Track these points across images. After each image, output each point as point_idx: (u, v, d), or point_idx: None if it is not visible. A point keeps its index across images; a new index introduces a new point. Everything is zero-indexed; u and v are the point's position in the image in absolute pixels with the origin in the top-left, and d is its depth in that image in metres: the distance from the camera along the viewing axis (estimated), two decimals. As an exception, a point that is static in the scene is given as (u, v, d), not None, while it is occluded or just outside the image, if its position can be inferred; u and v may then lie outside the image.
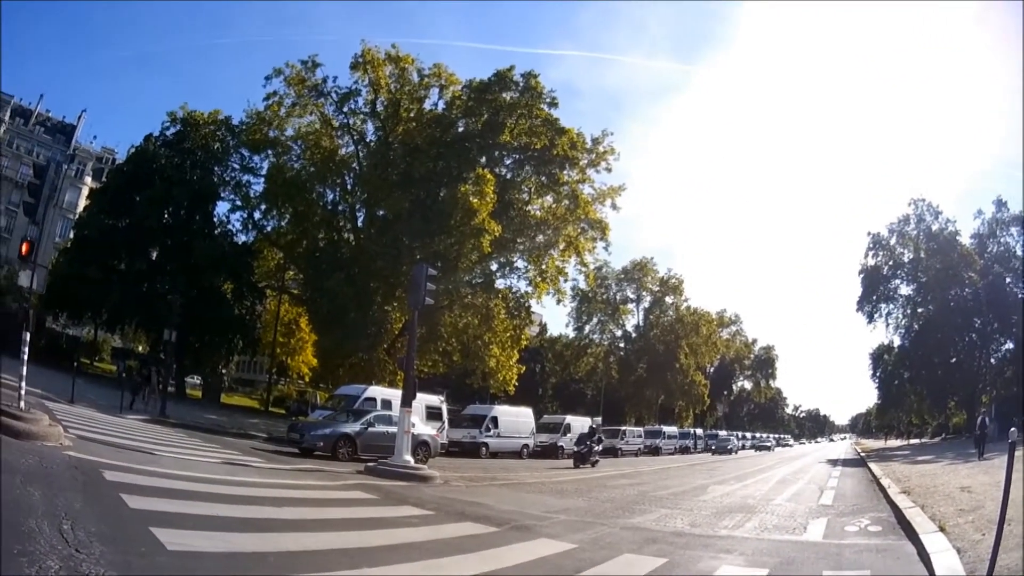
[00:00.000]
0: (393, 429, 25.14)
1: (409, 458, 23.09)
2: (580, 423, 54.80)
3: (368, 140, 53.29)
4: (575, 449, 40.35)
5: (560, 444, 49.93)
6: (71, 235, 67.42)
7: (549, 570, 9.43)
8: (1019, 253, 71.50)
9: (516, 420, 46.87)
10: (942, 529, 11.76)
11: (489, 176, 44.39)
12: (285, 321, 66.10)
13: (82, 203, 75.31)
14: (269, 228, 57.33)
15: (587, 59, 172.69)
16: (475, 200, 42.35)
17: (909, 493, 19.02)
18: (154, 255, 56.69)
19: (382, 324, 46.40)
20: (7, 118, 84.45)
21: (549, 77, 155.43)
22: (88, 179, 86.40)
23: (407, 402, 24.01)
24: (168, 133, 57.44)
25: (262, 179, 55.33)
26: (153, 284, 53.16)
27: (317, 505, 13.84)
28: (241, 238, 59.26)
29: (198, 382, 68.57)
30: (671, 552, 11.33)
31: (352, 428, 27.69)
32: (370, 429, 27.89)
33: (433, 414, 37.70)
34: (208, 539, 8.38)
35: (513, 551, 10.76)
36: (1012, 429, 8.91)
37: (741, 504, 20.22)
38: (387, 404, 32.37)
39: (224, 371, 77.96)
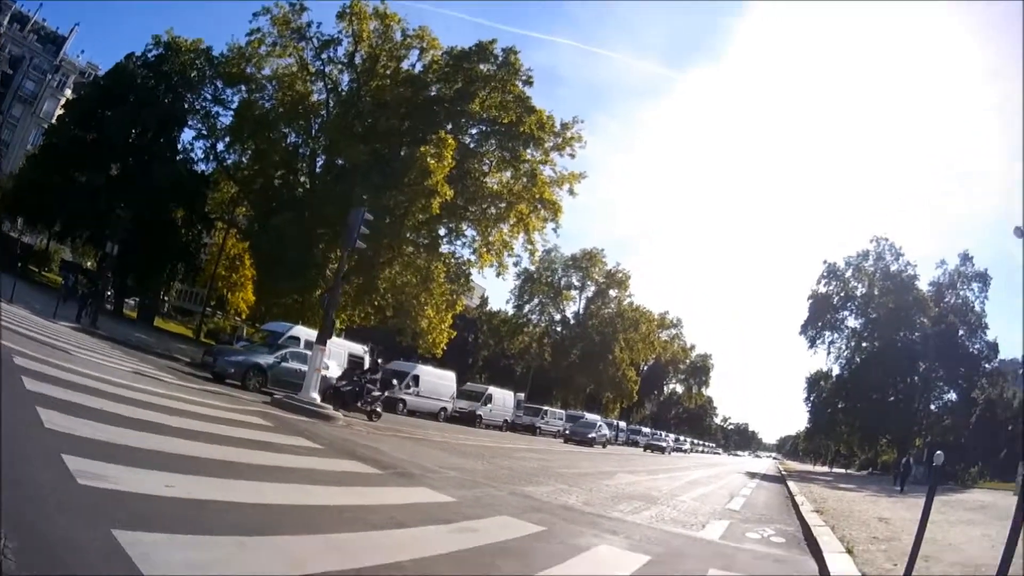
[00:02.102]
0: (304, 367, 25.49)
1: (316, 396, 23.16)
2: (502, 395, 56.20)
3: (341, 90, 52.94)
4: (336, 386, 27.94)
5: (479, 413, 50.74)
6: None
7: (417, 515, 9.24)
8: (977, 309, 71.61)
9: (438, 382, 47.08)
10: (849, 551, 11.26)
11: (451, 141, 44.20)
12: (231, 255, 66.03)
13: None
14: (230, 161, 56.95)
15: (576, 49, 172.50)
16: (432, 161, 42.12)
17: (822, 513, 18.52)
18: (114, 172, 55.69)
19: (322, 269, 45.94)
20: (6, 22, 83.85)
21: (535, 59, 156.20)
22: (68, 91, 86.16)
23: (322, 340, 24.11)
24: (150, 55, 56.69)
25: (231, 112, 54.91)
26: (108, 200, 51.46)
27: (208, 421, 13.69)
28: (201, 167, 58.87)
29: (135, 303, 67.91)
30: (552, 523, 10.94)
31: (265, 360, 27.76)
32: (283, 364, 28.07)
33: (355, 363, 36.55)
34: (89, 427, 8.72)
35: (388, 493, 10.87)
36: (937, 452, 8.40)
37: (644, 494, 19.59)
38: (311, 345, 30.87)
39: (165, 297, 77.63)
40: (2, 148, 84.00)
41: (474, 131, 51.54)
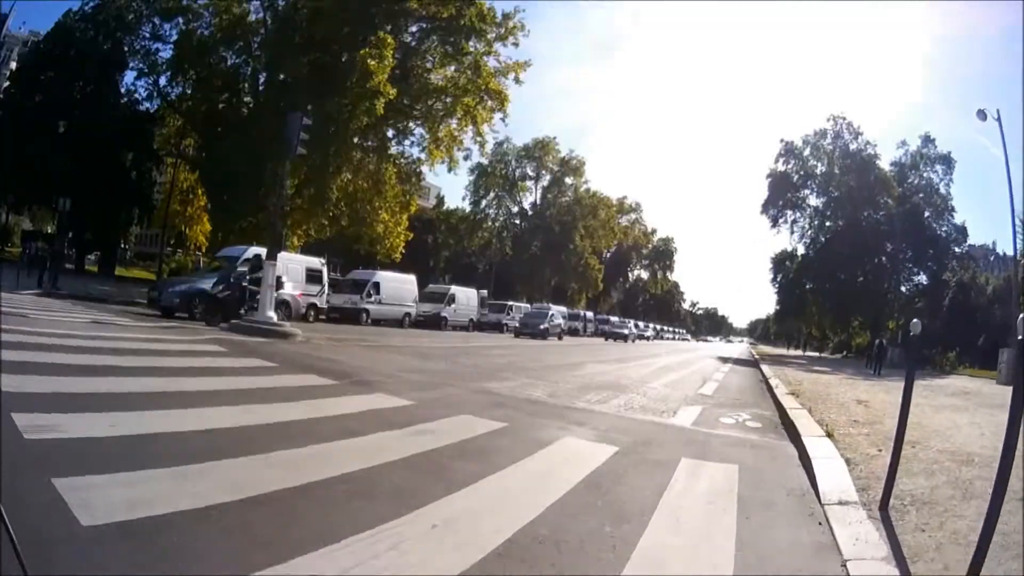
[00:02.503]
0: (255, 288, 25.04)
1: (272, 315, 23.27)
2: (466, 294, 56.63)
3: (278, 6, 51.42)
4: (212, 293, 25.78)
5: (444, 315, 51.16)
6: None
7: (371, 422, 9.09)
8: (942, 192, 71.73)
9: (399, 287, 47.41)
10: (830, 435, 10.67)
11: (390, 40, 43.67)
12: (183, 189, 64.86)
13: (4, 89, 73.42)
14: (174, 96, 55.67)
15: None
16: (373, 63, 41.57)
17: (798, 396, 17.88)
18: (61, 129, 54.86)
19: (272, 186, 43.68)
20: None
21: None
22: (13, 65, 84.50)
23: (272, 255, 23.99)
24: (87, 7, 55.85)
25: (171, 47, 53.16)
26: (56, 159, 50.81)
27: (160, 355, 13.67)
28: (146, 106, 58.00)
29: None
30: (515, 418, 10.77)
31: (209, 284, 26.44)
32: None
33: (313, 277, 38.04)
34: (40, 382, 8.78)
35: (342, 402, 10.57)
36: (914, 321, 7.66)
37: (612, 383, 19.32)
38: None
39: (124, 244, 76.94)
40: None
41: (414, 29, 50.89)
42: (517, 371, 19.67)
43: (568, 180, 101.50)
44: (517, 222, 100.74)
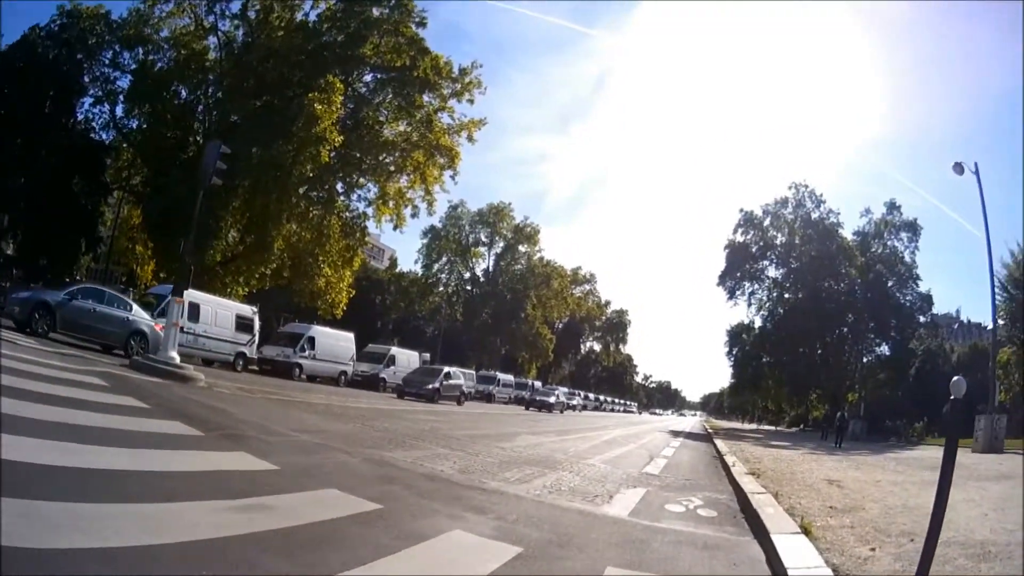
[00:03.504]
0: (101, 308, 24.86)
1: (174, 355, 21.59)
2: (407, 356, 54.07)
3: (235, 45, 51.14)
4: None
5: (382, 376, 48.93)
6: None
7: (204, 485, 7.31)
8: (906, 260, 71.54)
9: (336, 344, 45.81)
10: (806, 531, 8.40)
11: (339, 85, 43.63)
12: (135, 225, 62.83)
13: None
14: (132, 127, 54.82)
15: (483, 4, 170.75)
16: (320, 107, 41.14)
17: (759, 476, 15.79)
18: (17, 148, 52.84)
19: (217, 231, 44.15)
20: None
21: (438, 15, 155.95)
22: None
23: (178, 291, 22.61)
24: (54, 25, 54.67)
25: (129, 76, 52.91)
26: (9, 176, 50.44)
27: (29, 377, 12.19)
28: (102, 135, 57.05)
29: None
30: (398, 497, 8.65)
31: (53, 297, 24.92)
32: (74, 302, 24.90)
33: (244, 325, 36.91)
34: None
35: (182, 457, 8.82)
36: (955, 379, 6.27)
37: (544, 458, 17.10)
38: (195, 307, 31.86)
39: (78, 276, 75.66)
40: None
41: (368, 78, 51.02)
42: (436, 439, 17.67)
43: (522, 248, 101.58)
44: (469, 288, 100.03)
